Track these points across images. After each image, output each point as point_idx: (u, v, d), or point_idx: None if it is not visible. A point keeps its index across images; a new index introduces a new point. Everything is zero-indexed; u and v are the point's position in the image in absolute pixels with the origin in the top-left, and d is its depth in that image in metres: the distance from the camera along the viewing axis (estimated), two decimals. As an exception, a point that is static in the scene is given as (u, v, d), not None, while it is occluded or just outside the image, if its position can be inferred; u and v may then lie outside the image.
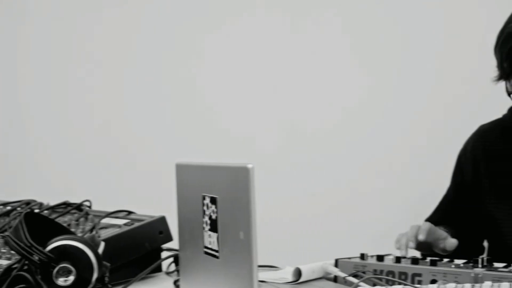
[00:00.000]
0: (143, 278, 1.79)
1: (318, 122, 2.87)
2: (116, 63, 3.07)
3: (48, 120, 3.14)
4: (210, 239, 1.42)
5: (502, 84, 1.87)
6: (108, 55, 3.08)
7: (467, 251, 1.99)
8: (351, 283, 1.63)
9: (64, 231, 1.66)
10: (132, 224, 1.90)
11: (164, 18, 3.02)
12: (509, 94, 1.85)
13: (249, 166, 1.27)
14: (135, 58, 3.07)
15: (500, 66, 1.83)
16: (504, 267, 1.63)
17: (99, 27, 3.07)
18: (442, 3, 2.73)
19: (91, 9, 3.06)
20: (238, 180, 1.29)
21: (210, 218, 1.42)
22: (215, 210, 1.40)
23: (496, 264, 1.66)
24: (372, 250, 1.82)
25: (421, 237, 1.81)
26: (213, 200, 1.40)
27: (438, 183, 2.21)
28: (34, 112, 3.15)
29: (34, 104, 3.15)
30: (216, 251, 1.40)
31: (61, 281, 1.49)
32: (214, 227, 1.40)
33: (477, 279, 1.54)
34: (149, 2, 3.03)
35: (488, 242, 2.09)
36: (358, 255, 1.79)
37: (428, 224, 1.85)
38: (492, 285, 1.40)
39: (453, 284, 1.44)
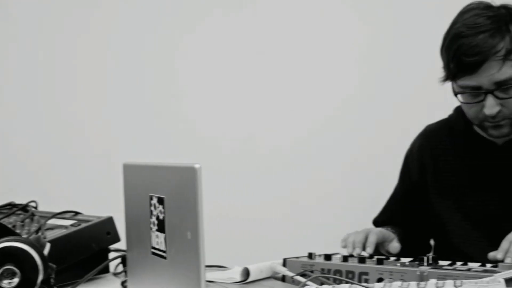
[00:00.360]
0: (90, 279, 1.77)
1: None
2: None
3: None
4: (158, 240, 1.42)
5: (449, 84, 1.89)
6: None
7: (414, 250, 2.02)
8: (298, 282, 1.63)
9: (9, 232, 1.64)
10: (79, 225, 1.89)
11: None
12: (455, 95, 1.88)
13: (196, 166, 1.26)
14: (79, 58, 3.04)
15: (447, 67, 1.86)
16: (449, 265, 1.65)
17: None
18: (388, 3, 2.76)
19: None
20: (185, 180, 1.29)
21: (157, 218, 1.41)
22: (162, 210, 1.39)
23: (441, 262, 1.68)
24: (320, 250, 1.83)
25: (369, 250, 1.83)
26: (161, 200, 1.39)
27: (386, 183, 2.23)
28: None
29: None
30: (164, 251, 1.40)
31: (5, 283, 1.46)
32: (161, 227, 1.40)
33: (422, 277, 1.56)
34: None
35: (434, 240, 2.12)
36: (306, 254, 1.80)
37: (375, 237, 1.86)
38: (436, 283, 1.42)
39: (399, 282, 1.46)
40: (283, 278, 1.76)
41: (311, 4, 2.81)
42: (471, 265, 1.66)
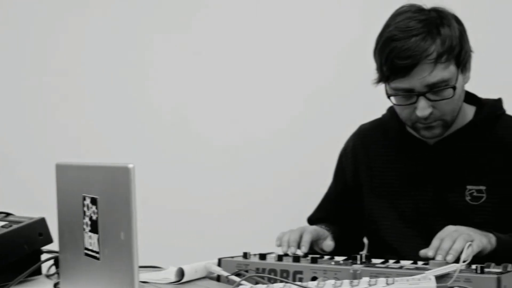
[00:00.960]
0: (21, 282, 1.74)
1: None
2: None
3: None
4: (91, 240, 1.40)
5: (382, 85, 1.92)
6: None
7: (348, 248, 2.04)
8: (233, 282, 1.64)
9: None
10: (10, 226, 1.85)
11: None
12: (388, 97, 1.91)
13: (130, 166, 1.26)
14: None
15: (380, 69, 1.88)
16: (382, 263, 1.67)
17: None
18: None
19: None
20: (119, 180, 1.27)
21: (90, 219, 1.40)
22: (95, 210, 1.38)
23: (374, 260, 1.70)
24: (255, 249, 1.83)
25: (304, 249, 1.84)
26: (94, 201, 1.38)
27: (320, 182, 2.25)
28: None
29: None
30: (97, 252, 1.38)
31: None
32: (94, 228, 1.38)
33: (355, 275, 1.57)
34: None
35: (368, 239, 2.15)
36: (241, 254, 1.80)
37: (310, 235, 1.88)
38: (369, 281, 1.44)
39: (332, 281, 1.47)
40: (218, 278, 1.76)
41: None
42: (403, 263, 1.69)
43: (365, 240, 2.18)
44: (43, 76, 2.94)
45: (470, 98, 2.00)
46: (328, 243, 1.97)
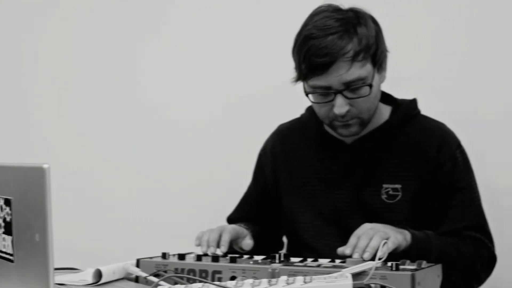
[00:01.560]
0: None
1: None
2: None
3: None
4: (4, 243, 1.37)
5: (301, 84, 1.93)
6: None
7: (268, 247, 2.05)
8: (152, 283, 1.62)
9: None
10: None
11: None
12: (306, 95, 1.92)
13: (45, 166, 1.23)
14: None
15: (298, 68, 1.89)
16: (300, 261, 1.69)
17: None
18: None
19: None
20: (34, 180, 1.25)
21: (4, 220, 1.36)
22: (9, 212, 1.34)
23: (292, 259, 1.72)
24: (175, 249, 1.82)
25: (223, 249, 1.84)
26: (7, 202, 1.35)
27: (239, 181, 2.25)
28: None
29: None
30: (11, 254, 1.35)
31: None
32: (8, 229, 1.35)
33: (274, 274, 1.58)
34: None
35: (287, 237, 2.16)
36: (160, 254, 1.79)
37: (229, 235, 1.88)
38: (287, 279, 1.45)
39: (251, 280, 1.48)
40: (136, 279, 1.75)
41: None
42: (321, 261, 1.71)
43: (285, 239, 2.19)
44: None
45: (386, 98, 2.04)
46: (247, 242, 1.97)
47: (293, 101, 2.11)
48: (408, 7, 2.42)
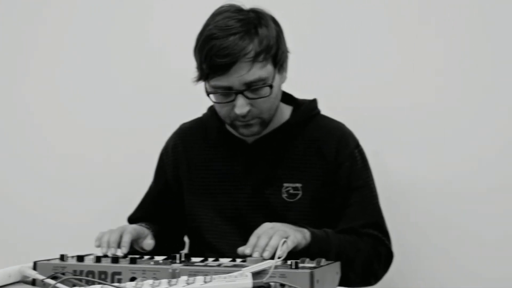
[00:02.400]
0: None
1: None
2: None
3: None
4: None
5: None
6: None
7: (170, 247, 2.04)
8: (49, 285, 1.59)
9: None
10: None
11: None
12: (208, 95, 1.92)
13: None
14: None
15: (200, 67, 1.89)
16: (201, 261, 1.68)
17: None
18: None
19: None
20: None
21: None
22: None
23: (193, 259, 1.71)
24: (74, 251, 1.79)
25: (124, 250, 1.82)
26: None
27: (140, 182, 2.23)
28: None
29: None
30: None
31: None
32: None
33: (174, 275, 1.57)
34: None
35: (189, 237, 2.16)
36: (58, 256, 1.75)
37: (129, 235, 1.86)
38: (187, 279, 1.44)
39: (151, 281, 1.46)
40: (33, 282, 1.70)
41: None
42: (222, 260, 1.70)
43: (186, 239, 2.19)
44: None
45: (287, 98, 2.06)
46: (148, 242, 1.96)
47: (196, 100, 2.11)
48: (308, 6, 2.45)
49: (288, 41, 1.97)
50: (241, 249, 1.68)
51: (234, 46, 1.83)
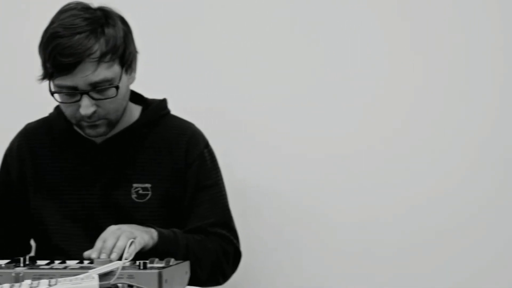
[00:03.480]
0: None
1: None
2: None
3: None
4: None
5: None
6: None
7: (15, 251, 1.98)
8: None
9: None
10: None
11: None
12: (52, 94, 1.88)
13: None
14: None
15: (44, 66, 1.85)
16: (47, 264, 1.65)
17: None
18: None
19: None
20: None
21: None
22: None
23: (39, 262, 1.67)
24: None
25: None
26: None
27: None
28: None
29: None
30: None
31: None
32: None
33: (18, 279, 1.53)
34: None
35: (36, 240, 2.10)
36: None
37: None
38: (31, 283, 1.41)
39: (-9, 287, 1.42)
40: None
41: None
42: (69, 263, 1.67)
43: (32, 242, 2.13)
44: None
45: (137, 98, 2.05)
46: None
47: (43, 99, 2.05)
48: (157, 6, 2.45)
49: (138, 41, 1.96)
50: (87, 253, 1.67)
51: (78, 45, 1.80)
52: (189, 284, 1.71)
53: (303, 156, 2.35)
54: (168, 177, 1.96)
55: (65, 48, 1.79)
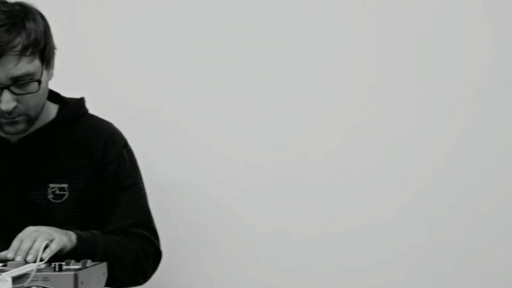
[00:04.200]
0: None
1: None
2: None
3: None
4: None
5: None
6: None
7: None
8: None
9: None
10: None
11: None
12: None
13: None
14: None
15: None
16: None
17: None
18: None
19: None
20: None
21: None
22: None
23: None
24: None
25: None
26: None
27: None
28: None
29: None
30: None
31: None
32: None
33: None
34: None
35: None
36: None
37: None
38: None
39: None
40: None
41: None
42: (-19, 266, 1.63)
43: None
44: None
45: (53, 96, 2.02)
46: None
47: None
48: (76, 3, 2.42)
49: (55, 38, 1.93)
50: (3, 254, 1.63)
51: (0, 39, 1.76)
52: (110, 285, 1.70)
53: (226, 156, 2.36)
54: (86, 177, 1.94)
55: None
